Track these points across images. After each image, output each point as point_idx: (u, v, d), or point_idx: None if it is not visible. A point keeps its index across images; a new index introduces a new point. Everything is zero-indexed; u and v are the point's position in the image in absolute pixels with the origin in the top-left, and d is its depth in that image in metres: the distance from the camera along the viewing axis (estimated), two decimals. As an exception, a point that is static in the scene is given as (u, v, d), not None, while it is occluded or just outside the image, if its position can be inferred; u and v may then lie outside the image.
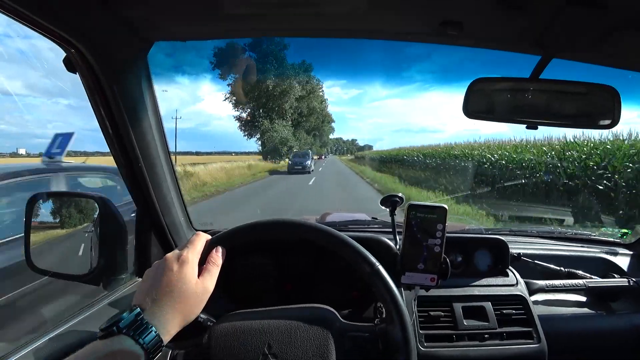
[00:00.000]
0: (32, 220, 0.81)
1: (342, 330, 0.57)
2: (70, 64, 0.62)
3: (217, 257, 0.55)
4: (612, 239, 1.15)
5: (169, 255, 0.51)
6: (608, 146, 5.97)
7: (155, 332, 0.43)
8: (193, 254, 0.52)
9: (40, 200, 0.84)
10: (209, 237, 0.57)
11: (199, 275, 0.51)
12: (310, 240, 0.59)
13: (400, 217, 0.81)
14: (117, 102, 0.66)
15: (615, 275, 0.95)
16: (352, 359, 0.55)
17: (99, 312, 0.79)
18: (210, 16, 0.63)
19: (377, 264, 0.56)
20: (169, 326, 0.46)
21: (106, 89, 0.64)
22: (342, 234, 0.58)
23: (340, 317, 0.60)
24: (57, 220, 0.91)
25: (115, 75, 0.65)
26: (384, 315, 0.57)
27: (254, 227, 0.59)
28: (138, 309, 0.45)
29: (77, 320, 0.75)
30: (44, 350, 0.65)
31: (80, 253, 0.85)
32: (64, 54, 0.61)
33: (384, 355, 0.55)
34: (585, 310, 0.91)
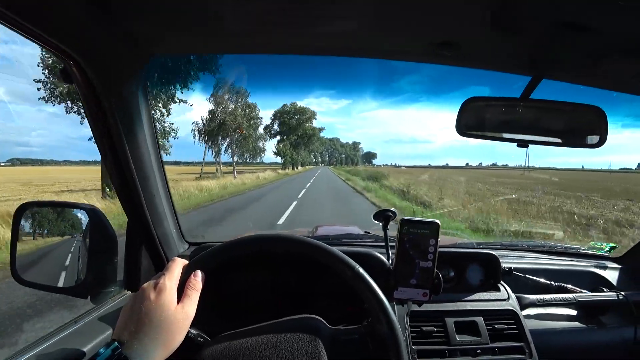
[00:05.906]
0: (20, 230, 0.79)
1: (331, 337, 0.57)
2: (67, 75, 0.61)
3: (196, 281, 0.54)
4: (600, 253, 1.17)
5: (145, 284, 0.50)
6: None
7: None
8: (170, 281, 0.51)
9: (29, 210, 0.82)
10: (186, 262, 0.57)
11: (178, 302, 0.50)
12: (289, 252, 0.60)
13: (392, 231, 0.81)
14: (112, 114, 0.65)
15: (605, 289, 0.96)
16: None
17: (86, 326, 0.77)
18: (210, 31, 0.63)
19: (357, 266, 0.57)
20: (150, 358, 0.44)
21: (103, 100, 0.63)
22: (319, 242, 0.58)
23: (327, 325, 0.60)
24: (46, 230, 0.88)
25: (112, 88, 0.64)
26: (370, 317, 0.57)
27: (231, 246, 0.58)
28: (115, 344, 0.43)
29: (63, 335, 0.72)
30: None
31: (68, 264, 0.83)
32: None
33: (376, 354, 0.55)
34: (576, 324, 0.92)
